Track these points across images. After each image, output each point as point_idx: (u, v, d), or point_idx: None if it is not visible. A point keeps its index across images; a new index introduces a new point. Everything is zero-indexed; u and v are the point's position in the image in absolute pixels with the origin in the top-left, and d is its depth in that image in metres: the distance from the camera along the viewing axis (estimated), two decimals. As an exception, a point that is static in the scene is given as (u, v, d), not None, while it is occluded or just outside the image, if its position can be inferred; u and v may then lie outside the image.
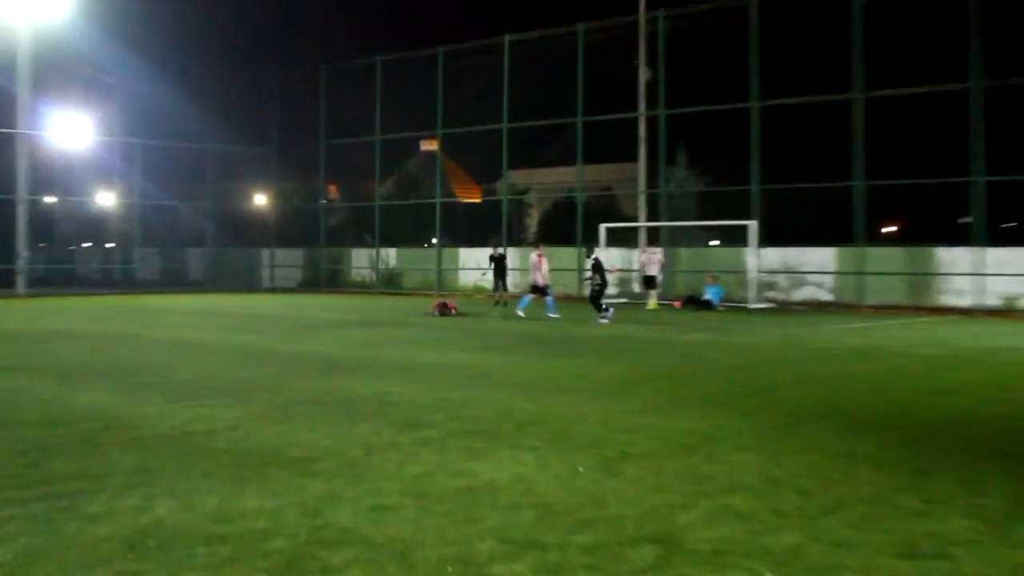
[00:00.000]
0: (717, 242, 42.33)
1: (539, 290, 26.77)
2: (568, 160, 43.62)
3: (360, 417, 10.18)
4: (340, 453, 8.37)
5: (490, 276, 33.94)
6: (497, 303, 31.59)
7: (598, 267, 25.50)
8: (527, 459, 8.19)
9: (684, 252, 37.57)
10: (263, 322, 25.44)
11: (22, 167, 40.87)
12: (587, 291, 26.74)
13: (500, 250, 33.44)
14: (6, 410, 10.61)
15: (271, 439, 8.97)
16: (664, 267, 33.39)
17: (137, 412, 10.49)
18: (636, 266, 36.50)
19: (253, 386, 12.52)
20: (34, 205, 43.19)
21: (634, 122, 38.53)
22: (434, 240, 46.70)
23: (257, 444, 8.75)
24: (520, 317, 26.01)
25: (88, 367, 14.78)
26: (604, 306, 25.30)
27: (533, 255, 27.49)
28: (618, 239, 38.37)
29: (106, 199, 52.31)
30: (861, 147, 32.51)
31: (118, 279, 51.33)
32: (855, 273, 32.71)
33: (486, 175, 63.09)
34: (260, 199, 52.21)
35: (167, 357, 16.20)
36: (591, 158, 40.46)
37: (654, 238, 37.13)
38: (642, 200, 38.96)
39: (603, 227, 35.87)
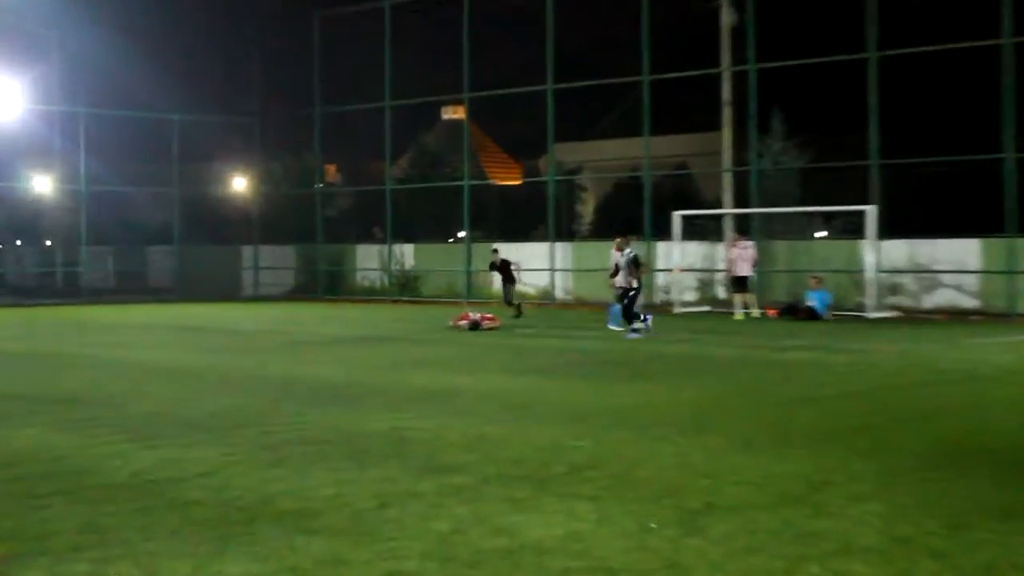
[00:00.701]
0: (824, 233, 42.12)
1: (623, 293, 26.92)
2: (631, 130, 43.57)
3: (371, 459, 10.24)
4: (346, 505, 8.42)
5: (498, 284, 33.80)
6: (518, 314, 31.46)
7: (636, 264, 25.14)
8: (584, 511, 8.20)
9: (781, 247, 37.40)
10: (245, 339, 25.58)
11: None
12: (615, 294, 26.31)
13: (500, 255, 33.17)
14: (-77, 452, 10.74)
15: (258, 487, 9.04)
16: (756, 264, 33.27)
17: (86, 454, 10.59)
18: (722, 264, 36.41)
19: (234, 420, 12.61)
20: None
21: (716, 80, 38.42)
22: (462, 234, 46.77)
23: (240, 494, 8.81)
24: (615, 330, 26.14)
25: (24, 398, 14.92)
26: (642, 315, 25.12)
27: (614, 250, 27.59)
28: (696, 231, 38.26)
29: (42, 185, 52.71)
30: (1011, 109, 32.20)
31: (59, 286, 51.73)
32: (1005, 272, 32.41)
33: (527, 150, 63.10)
34: (239, 184, 52.54)
35: (124, 384, 16.33)
36: (661, 128, 40.38)
37: (743, 229, 37.00)
38: (727, 180, 38.83)
39: (677, 215, 35.77)
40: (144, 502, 8.55)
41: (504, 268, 32.68)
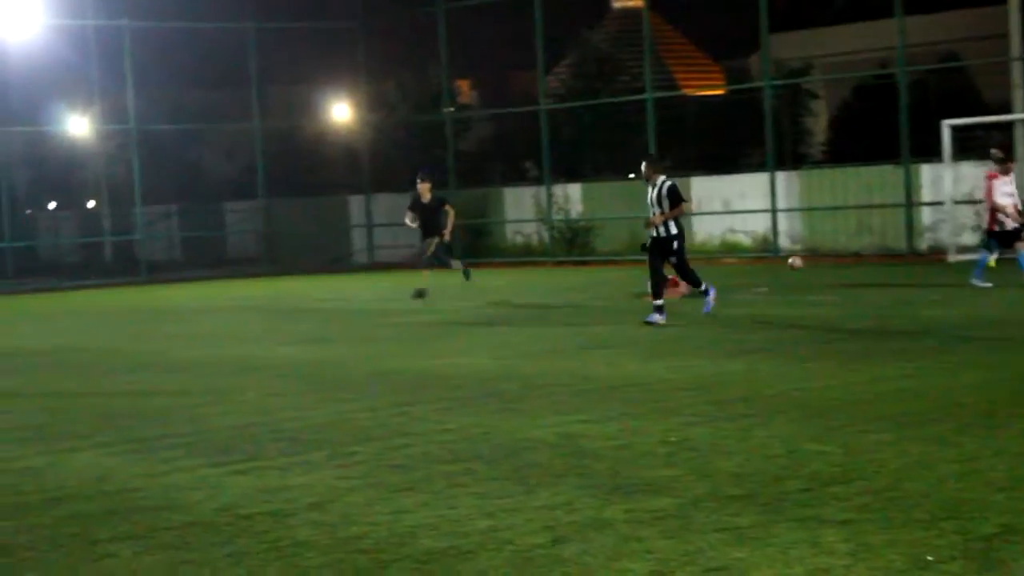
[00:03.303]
0: None
1: (1003, 237, 27.08)
2: (878, 11, 43.05)
3: (539, 477, 10.33)
4: (507, 541, 8.50)
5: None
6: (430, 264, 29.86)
7: (676, 197, 23.17)
8: (832, 542, 8.18)
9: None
10: (361, 323, 25.92)
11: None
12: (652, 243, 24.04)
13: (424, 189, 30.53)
14: (-53, 489, 11.10)
15: (388, 522, 9.15)
16: None
17: (159, 484, 10.83)
18: (1001, 199, 35.87)
19: (352, 433, 12.80)
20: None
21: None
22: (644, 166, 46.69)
23: (364, 531, 8.94)
24: (979, 287, 26.23)
25: (76, 411, 15.31)
26: (701, 282, 23.22)
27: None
28: (974, 146, 37.71)
29: (78, 127, 53.35)
30: None
31: (109, 261, 52.69)
32: None
33: (731, 48, 62.81)
34: (341, 113, 53.00)
35: (203, 389, 16.67)
36: (918, 5, 39.82)
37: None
38: (1017, 73, 38.17)
39: (946, 125, 35.30)
40: (237, 546, 8.71)
41: (426, 211, 30.70)
